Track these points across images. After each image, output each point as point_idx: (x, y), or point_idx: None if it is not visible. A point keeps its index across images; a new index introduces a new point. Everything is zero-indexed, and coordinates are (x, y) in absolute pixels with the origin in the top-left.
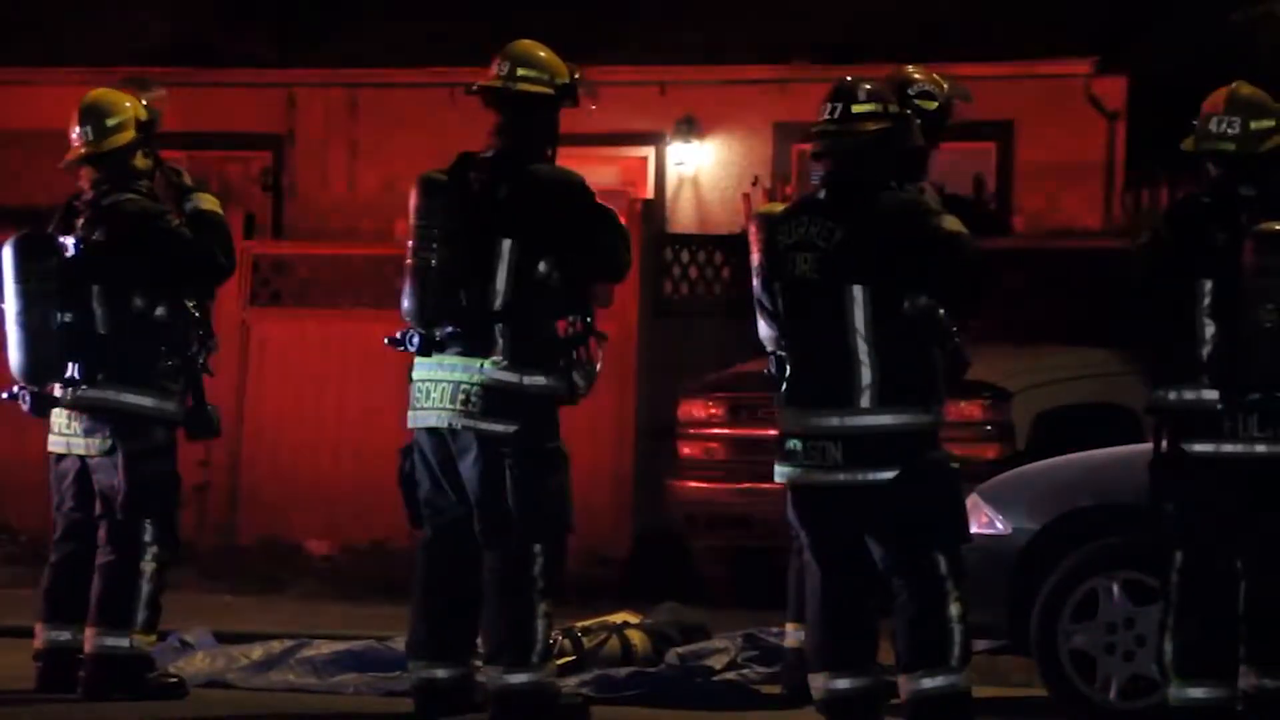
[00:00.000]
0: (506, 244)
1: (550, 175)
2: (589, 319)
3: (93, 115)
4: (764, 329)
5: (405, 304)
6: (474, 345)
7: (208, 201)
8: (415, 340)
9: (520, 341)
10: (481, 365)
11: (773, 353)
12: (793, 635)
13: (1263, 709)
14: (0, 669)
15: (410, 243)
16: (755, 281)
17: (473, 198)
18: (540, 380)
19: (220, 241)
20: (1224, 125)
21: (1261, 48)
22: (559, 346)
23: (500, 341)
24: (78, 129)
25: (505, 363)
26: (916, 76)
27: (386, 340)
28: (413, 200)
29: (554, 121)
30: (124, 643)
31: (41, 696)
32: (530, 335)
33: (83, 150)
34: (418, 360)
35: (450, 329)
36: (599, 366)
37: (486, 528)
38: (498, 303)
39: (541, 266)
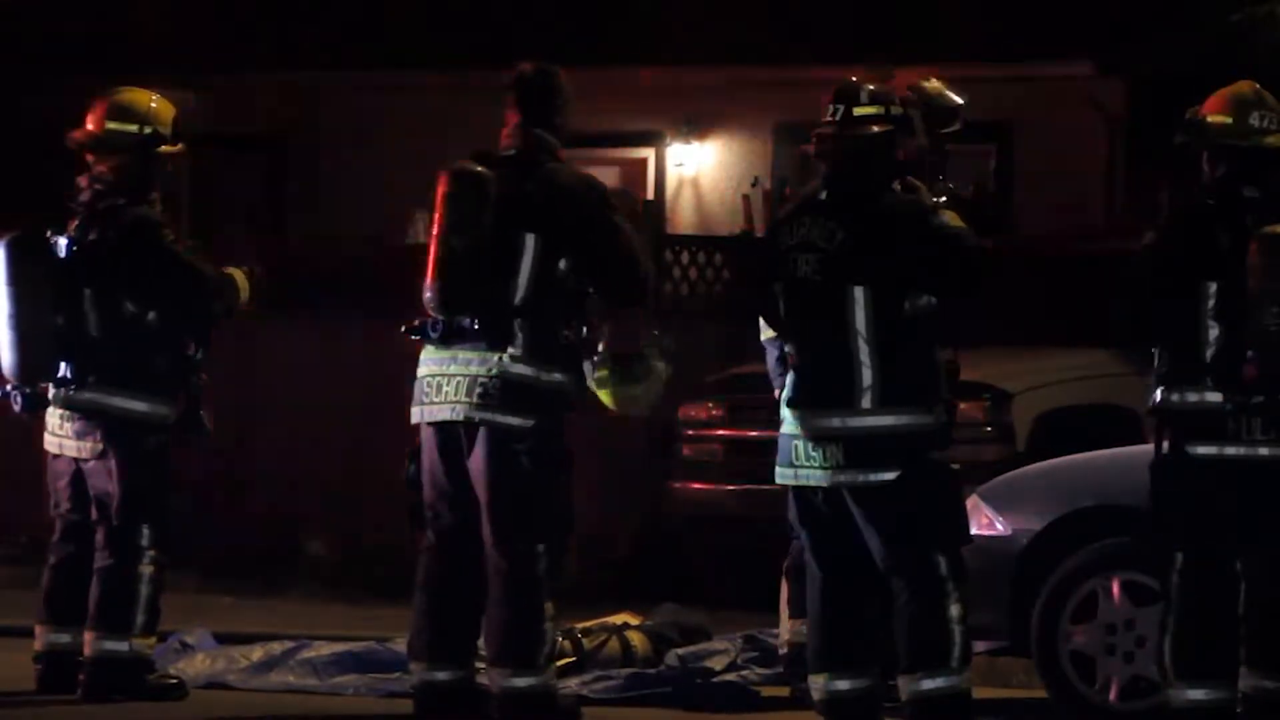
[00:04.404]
0: (530, 239)
1: (575, 176)
2: (589, 324)
3: (160, 113)
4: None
5: (427, 293)
6: (492, 339)
7: None
8: (438, 328)
9: (539, 338)
10: (500, 358)
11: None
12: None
13: (1263, 710)
14: (0, 669)
15: (435, 231)
16: None
17: (499, 192)
18: (557, 378)
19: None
20: (1266, 120)
21: (1262, 48)
22: (575, 347)
23: (519, 336)
24: (136, 125)
25: (524, 357)
26: (927, 85)
27: (404, 329)
28: (440, 189)
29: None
30: (123, 647)
31: (41, 698)
32: (549, 332)
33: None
34: (425, 356)
35: (470, 320)
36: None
37: (495, 526)
38: (518, 297)
39: (562, 265)
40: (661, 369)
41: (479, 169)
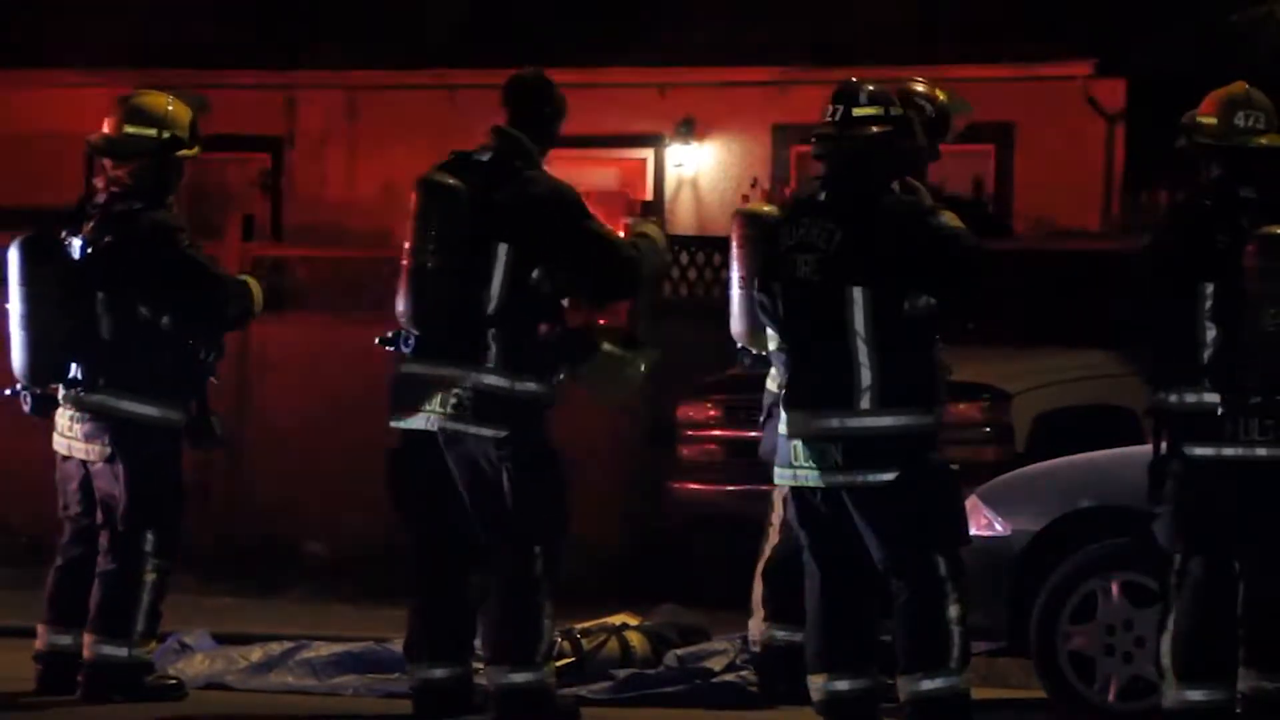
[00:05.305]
0: (503, 249)
1: (548, 186)
2: (565, 326)
3: (178, 117)
4: (736, 325)
5: (400, 305)
6: (466, 349)
7: None
8: (410, 341)
9: (512, 347)
10: (473, 370)
11: (743, 348)
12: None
13: (1262, 710)
14: (0, 669)
15: (408, 244)
16: (735, 279)
17: (471, 201)
18: (531, 386)
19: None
20: (1252, 119)
21: (1261, 48)
22: (547, 352)
23: (493, 346)
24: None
25: (497, 367)
26: (918, 87)
27: (378, 340)
28: (413, 202)
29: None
30: (122, 652)
31: (41, 699)
32: (522, 341)
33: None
34: (405, 361)
35: (443, 331)
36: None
37: (486, 531)
38: (491, 307)
39: (535, 274)
40: (640, 369)
41: (450, 181)
